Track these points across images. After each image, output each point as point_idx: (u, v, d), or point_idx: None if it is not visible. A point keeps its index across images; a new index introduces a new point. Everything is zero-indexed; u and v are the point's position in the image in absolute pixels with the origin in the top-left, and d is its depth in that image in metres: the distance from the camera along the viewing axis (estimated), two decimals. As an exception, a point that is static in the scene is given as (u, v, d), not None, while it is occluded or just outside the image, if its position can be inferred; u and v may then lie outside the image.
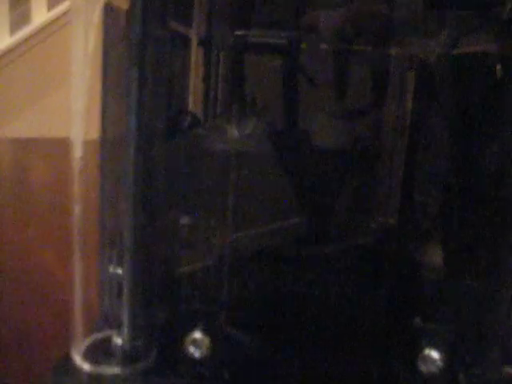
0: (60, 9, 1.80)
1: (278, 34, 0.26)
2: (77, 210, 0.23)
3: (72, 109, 0.23)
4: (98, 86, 0.24)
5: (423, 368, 0.21)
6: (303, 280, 0.23)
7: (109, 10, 0.23)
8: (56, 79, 1.76)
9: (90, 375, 0.22)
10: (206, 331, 0.21)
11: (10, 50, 1.77)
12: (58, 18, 1.80)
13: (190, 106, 0.31)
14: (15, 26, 1.80)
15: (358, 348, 0.22)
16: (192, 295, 0.23)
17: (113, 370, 0.22)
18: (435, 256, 0.23)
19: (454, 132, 0.24)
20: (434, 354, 0.21)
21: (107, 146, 0.25)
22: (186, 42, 0.29)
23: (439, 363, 0.21)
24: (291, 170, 0.27)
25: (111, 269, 0.25)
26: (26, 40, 1.78)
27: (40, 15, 1.80)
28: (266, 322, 0.23)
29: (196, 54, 0.30)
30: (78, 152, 0.23)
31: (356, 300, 0.22)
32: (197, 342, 0.21)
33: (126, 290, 0.23)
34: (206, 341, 0.21)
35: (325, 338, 0.22)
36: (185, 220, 0.27)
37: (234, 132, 0.26)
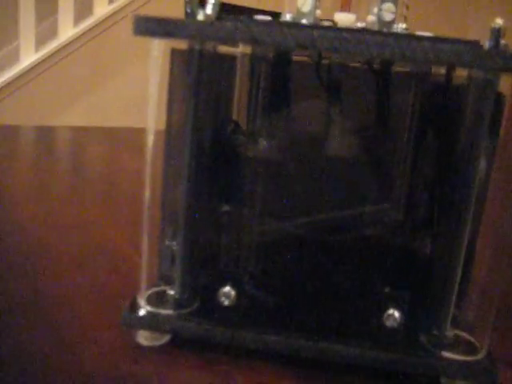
0: (121, 2, 1.91)
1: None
2: (147, 195, 0.31)
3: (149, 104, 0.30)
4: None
5: (388, 324, 0.29)
6: (307, 257, 0.31)
7: (175, 52, 0.31)
8: (113, 68, 1.87)
9: (150, 313, 0.31)
10: (233, 287, 0.30)
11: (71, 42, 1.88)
12: (116, 12, 1.91)
13: (235, 115, 0.38)
14: (78, 17, 1.91)
15: (341, 306, 0.30)
16: (224, 262, 0.32)
17: (167, 311, 0.31)
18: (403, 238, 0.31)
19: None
20: (396, 314, 0.29)
21: (171, 140, 0.33)
22: (232, 59, 0.36)
23: (399, 320, 0.29)
24: (308, 173, 0.35)
25: (167, 242, 0.34)
26: (88, 31, 1.89)
27: (101, 8, 1.91)
28: (277, 283, 0.31)
29: (241, 71, 0.37)
30: (150, 141, 0.31)
31: (344, 272, 0.30)
32: (227, 295, 0.30)
33: (178, 258, 0.32)
34: (233, 294, 0.30)
35: (321, 299, 0.31)
36: (224, 207, 0.35)
37: (263, 143, 0.34)
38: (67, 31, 1.88)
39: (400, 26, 0.33)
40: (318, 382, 0.29)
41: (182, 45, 0.31)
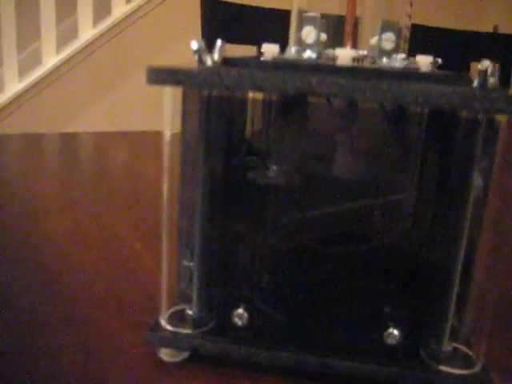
0: (137, 2, 1.94)
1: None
2: (165, 210, 0.34)
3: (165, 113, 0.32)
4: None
5: (388, 341, 0.31)
6: (312, 274, 0.34)
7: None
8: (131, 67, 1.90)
9: (171, 333, 0.34)
10: (246, 309, 0.33)
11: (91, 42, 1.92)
12: (135, 11, 1.94)
13: (248, 135, 0.41)
14: (97, 18, 1.95)
15: (346, 324, 0.33)
16: (238, 284, 0.35)
17: (186, 330, 0.34)
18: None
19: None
20: (395, 332, 0.31)
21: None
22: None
23: (398, 338, 0.31)
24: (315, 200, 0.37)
25: (186, 262, 0.37)
26: (107, 32, 1.93)
27: (119, 8, 1.94)
28: (288, 304, 0.34)
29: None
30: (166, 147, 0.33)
31: (347, 290, 0.33)
32: (239, 315, 0.33)
33: (195, 279, 0.35)
34: (246, 315, 0.33)
35: (327, 317, 0.33)
36: (237, 228, 0.38)
37: (272, 170, 0.37)
38: (87, 32, 1.92)
39: (399, 57, 0.35)
40: (324, 396, 0.32)
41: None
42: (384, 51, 0.36)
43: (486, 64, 0.28)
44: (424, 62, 0.36)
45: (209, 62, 0.31)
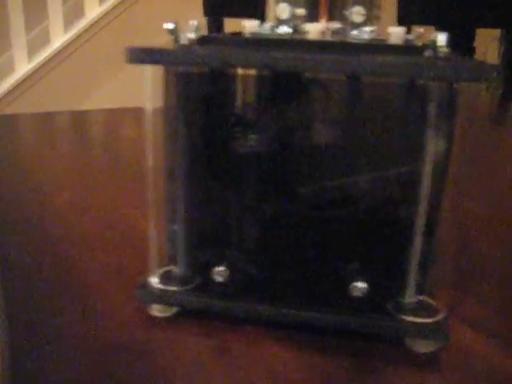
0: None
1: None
2: (150, 179, 0.37)
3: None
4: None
5: (354, 294, 0.34)
6: (285, 234, 0.37)
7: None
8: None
9: (159, 290, 0.37)
10: (226, 266, 0.36)
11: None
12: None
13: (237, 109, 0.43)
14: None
15: (317, 279, 0.36)
16: (219, 244, 0.38)
17: (173, 288, 0.37)
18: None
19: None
20: (361, 284, 0.34)
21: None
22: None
23: (364, 291, 0.34)
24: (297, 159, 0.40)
25: (172, 225, 0.40)
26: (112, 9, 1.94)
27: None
28: (264, 262, 0.37)
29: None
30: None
31: (318, 248, 0.36)
32: (220, 273, 0.36)
33: (179, 241, 0.38)
34: (226, 272, 0.36)
35: (299, 273, 0.37)
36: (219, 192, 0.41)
37: (250, 139, 0.40)
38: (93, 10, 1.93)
39: (367, 29, 0.38)
40: (295, 342, 0.35)
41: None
42: (354, 24, 0.38)
43: (436, 34, 0.30)
44: (397, 33, 0.38)
45: (184, 41, 0.33)
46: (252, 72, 0.37)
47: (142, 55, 0.32)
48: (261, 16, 0.40)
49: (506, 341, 0.36)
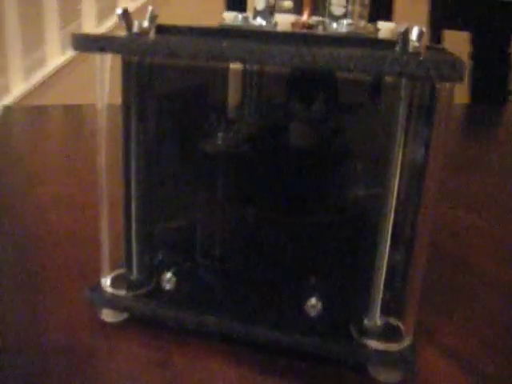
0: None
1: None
2: (103, 178, 0.35)
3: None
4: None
5: (310, 313, 0.31)
6: (240, 243, 0.34)
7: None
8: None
9: (108, 294, 0.35)
10: (174, 273, 0.33)
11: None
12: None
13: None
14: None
15: (270, 294, 0.33)
16: (168, 250, 0.35)
17: (121, 292, 0.35)
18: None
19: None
20: (316, 303, 0.31)
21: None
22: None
23: (321, 310, 0.31)
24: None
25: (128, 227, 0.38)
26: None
27: None
28: (216, 271, 0.34)
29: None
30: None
31: (275, 262, 0.33)
32: (168, 280, 0.33)
33: (133, 243, 0.35)
34: (174, 279, 0.33)
35: (253, 286, 0.34)
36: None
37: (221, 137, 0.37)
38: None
39: (345, 22, 0.34)
40: (243, 360, 0.32)
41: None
42: (333, 16, 0.35)
43: (404, 27, 0.27)
44: (385, 27, 0.35)
45: (135, 29, 0.31)
46: (214, 65, 0.34)
47: (87, 42, 0.29)
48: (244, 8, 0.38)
49: (483, 376, 0.33)
